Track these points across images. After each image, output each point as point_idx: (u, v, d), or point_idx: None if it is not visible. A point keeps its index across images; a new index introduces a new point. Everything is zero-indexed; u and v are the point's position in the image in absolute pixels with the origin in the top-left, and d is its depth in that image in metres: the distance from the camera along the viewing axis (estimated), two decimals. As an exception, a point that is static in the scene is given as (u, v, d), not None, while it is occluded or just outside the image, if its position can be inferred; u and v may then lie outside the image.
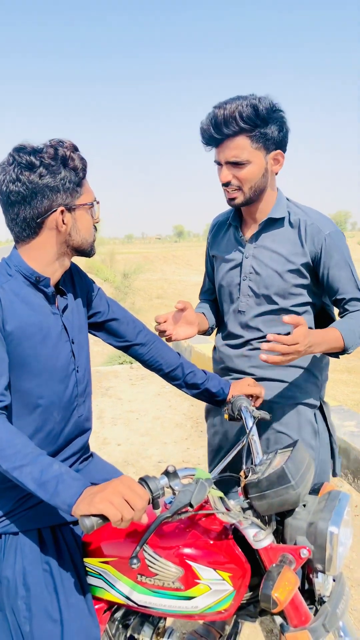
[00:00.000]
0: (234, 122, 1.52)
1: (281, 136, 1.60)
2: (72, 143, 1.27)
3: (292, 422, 1.74)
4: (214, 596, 1.17)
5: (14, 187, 1.20)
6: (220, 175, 1.63)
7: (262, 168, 1.61)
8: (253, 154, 1.57)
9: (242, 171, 1.59)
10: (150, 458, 4.08)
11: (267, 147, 1.59)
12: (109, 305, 1.55)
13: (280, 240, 1.69)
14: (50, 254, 1.28)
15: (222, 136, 1.57)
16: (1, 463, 1.07)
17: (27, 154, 1.20)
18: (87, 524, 0.98)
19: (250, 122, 1.52)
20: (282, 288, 1.68)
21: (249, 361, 1.77)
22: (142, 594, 1.22)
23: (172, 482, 1.08)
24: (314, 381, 1.76)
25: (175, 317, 1.68)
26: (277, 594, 1.04)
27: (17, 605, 1.22)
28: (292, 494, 1.11)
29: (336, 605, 1.17)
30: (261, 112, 1.52)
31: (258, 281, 1.71)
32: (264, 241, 1.72)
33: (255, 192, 1.64)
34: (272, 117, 1.55)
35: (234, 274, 1.79)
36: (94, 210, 1.34)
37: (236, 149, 1.57)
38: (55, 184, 1.21)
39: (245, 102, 1.52)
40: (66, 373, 1.34)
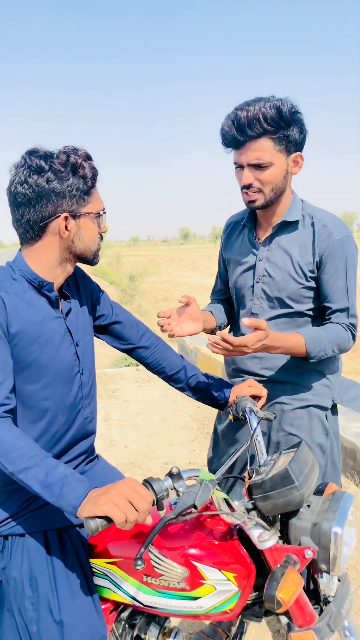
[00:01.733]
0: (257, 124, 1.51)
1: (301, 138, 1.60)
2: (86, 152, 1.28)
3: (304, 424, 1.74)
4: (219, 596, 1.18)
5: (22, 188, 1.22)
6: (242, 178, 1.61)
7: (284, 170, 1.60)
8: (275, 156, 1.57)
9: (264, 173, 1.58)
10: (157, 460, 4.08)
11: (289, 149, 1.59)
12: (112, 308, 1.56)
13: (294, 243, 1.68)
14: (53, 258, 1.29)
15: (245, 138, 1.55)
16: (7, 465, 1.09)
17: (38, 157, 1.22)
18: (92, 526, 0.99)
19: (274, 123, 1.51)
20: (295, 291, 1.68)
21: (261, 363, 1.77)
22: (148, 594, 1.23)
23: (176, 483, 1.09)
24: (326, 383, 1.76)
25: (180, 313, 1.66)
26: (282, 594, 1.04)
27: (24, 605, 1.23)
28: (296, 494, 1.12)
29: (341, 605, 1.17)
30: (284, 114, 1.51)
31: (271, 284, 1.71)
32: (278, 244, 1.71)
33: (275, 194, 1.63)
34: (294, 118, 1.55)
35: (247, 277, 1.79)
36: (100, 220, 1.34)
37: (259, 151, 1.55)
38: (61, 189, 1.23)
39: (269, 104, 1.51)
40: (71, 375, 1.35)
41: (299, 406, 1.74)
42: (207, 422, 4.88)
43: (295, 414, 1.74)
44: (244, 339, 1.43)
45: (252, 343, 1.44)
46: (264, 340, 1.47)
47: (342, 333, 1.64)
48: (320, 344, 1.59)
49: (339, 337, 1.63)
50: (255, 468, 1.24)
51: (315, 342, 1.59)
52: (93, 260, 1.37)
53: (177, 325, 1.64)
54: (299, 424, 1.73)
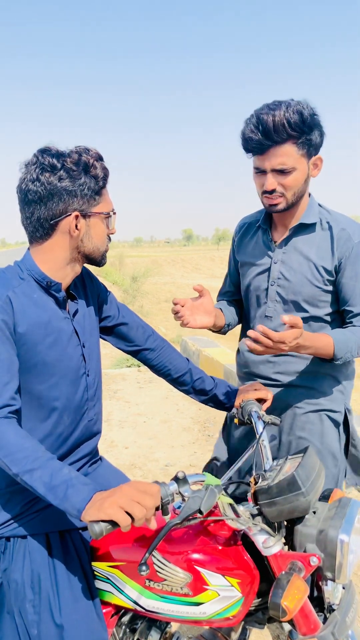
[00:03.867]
0: (283, 129, 1.50)
1: (321, 141, 1.59)
2: (98, 152, 1.28)
3: (316, 429, 1.72)
4: (222, 602, 1.17)
5: (33, 186, 1.21)
6: (266, 183, 1.58)
7: (305, 174, 1.60)
8: (298, 160, 1.56)
9: (287, 178, 1.57)
10: (158, 461, 4.07)
11: (310, 152, 1.58)
12: (119, 309, 1.55)
13: (311, 246, 1.67)
14: (61, 258, 1.29)
15: (271, 143, 1.53)
16: (11, 467, 1.08)
17: (50, 156, 1.22)
18: (97, 530, 0.97)
19: (298, 129, 1.50)
20: (311, 295, 1.66)
21: (274, 367, 1.75)
22: (150, 599, 1.22)
23: (182, 488, 1.08)
24: (339, 388, 1.74)
25: (194, 304, 1.63)
26: (287, 602, 1.03)
27: (25, 608, 1.22)
28: (302, 501, 1.11)
29: (345, 613, 1.16)
30: (307, 119, 1.50)
31: (287, 287, 1.69)
32: (294, 246, 1.69)
33: (297, 198, 1.62)
34: (315, 122, 1.54)
35: (261, 279, 1.76)
36: (110, 221, 1.34)
37: (283, 156, 1.54)
38: (73, 188, 1.22)
39: (292, 109, 1.50)
40: (77, 377, 1.34)
41: (311, 410, 1.72)
42: (208, 424, 4.87)
43: (307, 418, 1.72)
44: (284, 334, 1.41)
45: (289, 340, 1.42)
46: (299, 339, 1.45)
47: None
48: (348, 345, 1.58)
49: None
50: (261, 473, 1.23)
51: (343, 344, 1.57)
52: (101, 262, 1.37)
53: (191, 315, 1.62)
54: (311, 428, 1.72)
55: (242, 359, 1.88)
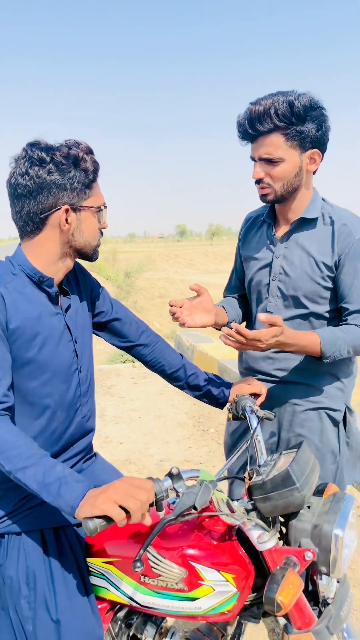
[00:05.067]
0: (268, 119, 1.49)
1: (319, 135, 1.55)
2: (88, 145, 1.27)
3: (315, 427, 1.71)
4: (217, 597, 1.17)
5: (22, 180, 1.20)
6: (253, 172, 1.59)
7: (296, 167, 1.57)
8: (287, 152, 1.53)
9: (274, 169, 1.56)
10: (152, 457, 4.07)
11: (303, 145, 1.55)
12: (112, 305, 1.54)
13: (312, 241, 1.65)
14: (52, 252, 1.28)
15: (257, 132, 1.53)
16: (4, 464, 1.07)
17: (39, 149, 1.21)
18: (91, 527, 0.97)
19: (285, 119, 1.48)
20: (311, 290, 1.64)
21: (274, 363, 1.74)
22: (145, 594, 1.22)
23: (176, 484, 1.08)
24: (339, 387, 1.72)
25: (192, 303, 1.61)
26: (282, 597, 1.04)
27: (20, 604, 1.22)
28: (296, 496, 1.11)
29: (340, 607, 1.16)
30: (296, 110, 1.47)
31: (287, 282, 1.68)
32: (296, 241, 1.67)
33: (287, 190, 1.60)
34: (310, 114, 1.50)
35: (263, 274, 1.75)
36: (101, 215, 1.33)
37: (270, 146, 1.53)
38: (63, 182, 1.21)
39: (282, 99, 1.48)
40: (69, 373, 1.33)
41: (311, 407, 1.70)
42: (202, 419, 4.87)
43: (306, 415, 1.71)
44: (258, 333, 1.41)
45: (266, 338, 1.42)
46: (279, 337, 1.44)
47: (358, 334, 1.59)
48: (336, 344, 1.56)
49: (355, 338, 1.58)
50: (256, 468, 1.23)
51: (331, 342, 1.55)
52: (93, 256, 1.36)
53: (189, 315, 1.59)
54: (310, 425, 1.70)
55: (242, 355, 1.87)
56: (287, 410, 1.72)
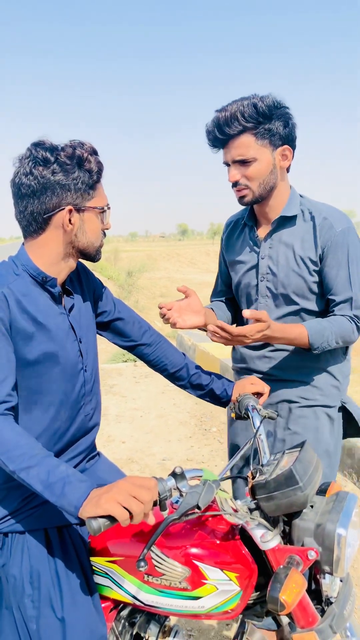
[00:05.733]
0: (236, 121, 1.53)
1: (287, 132, 1.59)
2: (92, 146, 1.27)
3: (310, 424, 1.72)
4: (220, 596, 1.17)
5: (26, 180, 1.21)
6: (229, 175, 1.63)
7: (270, 164, 1.60)
8: (259, 151, 1.57)
9: (249, 169, 1.59)
10: (154, 456, 4.08)
11: (274, 143, 1.58)
12: (115, 304, 1.55)
13: (295, 238, 1.67)
14: (55, 253, 1.28)
15: (226, 136, 1.57)
16: (8, 464, 1.07)
17: (44, 149, 1.21)
18: (95, 526, 0.97)
19: (252, 119, 1.53)
20: (300, 286, 1.67)
21: (269, 362, 1.76)
22: (149, 593, 1.22)
23: (180, 483, 1.08)
24: (335, 384, 1.74)
25: (181, 305, 1.64)
26: (285, 596, 1.04)
27: (23, 603, 1.22)
28: (300, 495, 1.11)
29: (343, 606, 1.16)
30: (261, 109, 1.52)
31: (275, 281, 1.70)
32: (279, 240, 1.70)
33: (264, 189, 1.63)
34: (276, 113, 1.55)
35: (251, 276, 1.77)
36: (104, 216, 1.33)
37: (241, 147, 1.57)
38: (66, 182, 1.21)
39: (246, 102, 1.53)
40: (74, 372, 1.34)
41: (306, 405, 1.72)
42: (204, 418, 4.87)
43: (302, 412, 1.72)
44: (243, 329, 1.44)
45: (251, 333, 1.45)
46: (265, 331, 1.47)
47: (346, 324, 1.61)
48: (324, 334, 1.58)
49: (342, 328, 1.61)
50: (259, 468, 1.23)
51: (318, 333, 1.58)
52: (95, 257, 1.36)
53: (179, 317, 1.62)
54: (305, 423, 1.72)
55: (237, 354, 1.89)
56: (283, 408, 1.74)
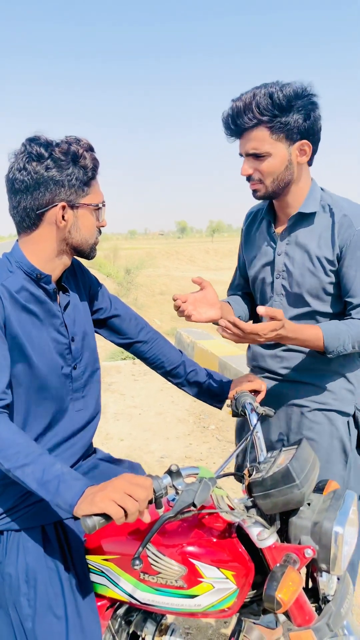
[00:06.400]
0: (250, 113, 1.45)
1: (307, 125, 1.48)
2: (89, 142, 1.26)
3: (324, 430, 1.64)
4: (217, 594, 1.16)
5: (20, 175, 1.20)
6: (241, 168, 1.55)
7: (285, 160, 1.51)
8: (274, 145, 1.48)
9: (262, 164, 1.51)
10: (153, 453, 4.08)
11: (290, 137, 1.49)
12: (111, 302, 1.54)
13: (312, 236, 1.59)
14: (49, 249, 1.27)
15: (240, 128, 1.50)
16: (3, 462, 1.06)
17: (38, 145, 1.20)
18: (89, 524, 0.97)
19: (267, 112, 1.43)
20: (314, 287, 1.59)
21: (282, 362, 1.69)
22: (145, 591, 1.22)
23: (175, 481, 1.07)
24: (349, 388, 1.66)
25: (196, 298, 1.54)
26: (281, 594, 1.03)
27: (19, 602, 1.22)
28: (296, 493, 1.10)
29: (340, 604, 1.16)
30: (277, 101, 1.42)
31: (290, 280, 1.63)
32: (296, 237, 1.62)
33: (278, 185, 1.55)
34: (296, 105, 1.44)
35: (266, 272, 1.71)
36: (99, 213, 1.32)
37: (255, 141, 1.49)
38: (60, 178, 1.20)
39: (263, 91, 1.43)
40: (64, 369, 1.32)
41: (318, 408, 1.64)
42: (203, 416, 4.87)
43: (314, 416, 1.65)
44: (257, 326, 1.37)
45: (265, 332, 1.38)
46: (279, 330, 1.40)
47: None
48: (339, 338, 1.50)
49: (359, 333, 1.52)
50: (255, 465, 1.22)
51: (334, 336, 1.50)
52: (90, 254, 1.35)
53: (194, 309, 1.52)
54: (319, 429, 1.64)
55: (251, 352, 1.83)
56: (294, 412, 1.67)
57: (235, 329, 1.38)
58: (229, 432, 4.46)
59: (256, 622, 1.30)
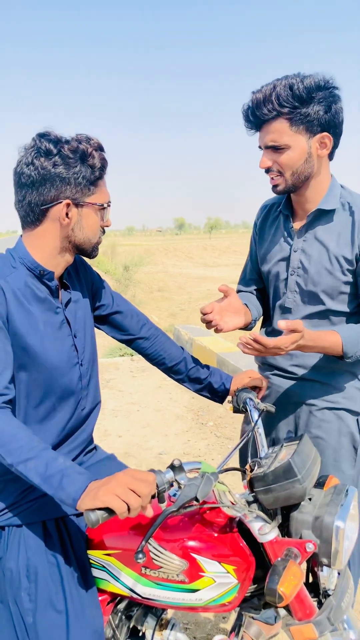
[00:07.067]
0: (270, 104, 1.43)
1: (329, 117, 1.45)
2: (99, 142, 1.26)
3: (332, 428, 1.62)
4: (218, 589, 1.17)
5: (27, 169, 1.20)
6: (260, 161, 1.53)
7: (305, 153, 1.48)
8: (293, 137, 1.46)
9: (281, 156, 1.49)
10: (151, 450, 4.08)
11: (311, 129, 1.46)
12: (113, 298, 1.54)
13: (331, 234, 1.56)
14: (52, 246, 1.27)
15: (260, 120, 1.47)
16: (6, 457, 1.06)
17: (48, 141, 1.20)
18: (92, 518, 0.97)
19: (287, 103, 1.41)
20: (330, 286, 1.56)
21: (291, 360, 1.67)
22: (146, 586, 1.22)
23: (178, 476, 1.08)
24: (358, 386, 1.64)
25: (222, 307, 1.53)
26: (283, 588, 1.04)
27: (20, 596, 1.22)
28: (298, 488, 1.11)
29: (341, 598, 1.16)
30: (297, 92, 1.40)
31: (306, 277, 1.60)
32: (314, 234, 1.59)
33: (298, 178, 1.52)
34: (316, 96, 1.42)
35: (281, 268, 1.67)
36: (104, 213, 1.31)
37: (274, 133, 1.46)
38: (67, 175, 1.20)
39: (284, 82, 1.42)
40: (69, 366, 1.33)
41: (327, 407, 1.62)
42: (201, 412, 4.88)
43: (323, 415, 1.62)
44: (279, 340, 1.35)
45: (286, 345, 1.36)
46: (299, 341, 1.39)
47: None
48: (359, 343, 1.48)
49: None
50: (257, 460, 1.23)
51: (353, 342, 1.47)
52: (92, 253, 1.35)
53: (221, 319, 1.52)
54: (327, 427, 1.62)
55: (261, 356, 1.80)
56: (303, 410, 1.65)
57: (257, 345, 1.36)
58: (227, 428, 4.47)
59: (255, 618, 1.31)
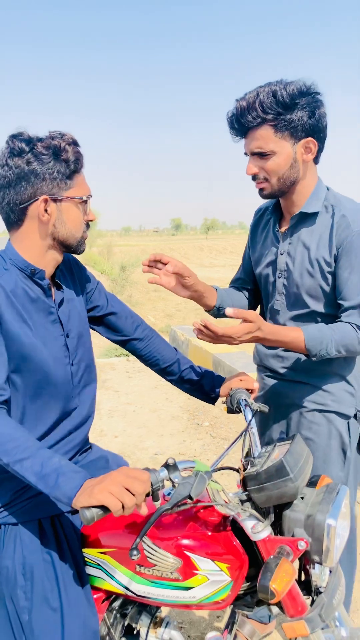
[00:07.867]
0: (254, 112, 1.44)
1: (312, 122, 1.47)
2: (72, 137, 1.26)
3: (322, 430, 1.64)
4: (211, 587, 1.18)
5: (2, 171, 1.21)
6: (246, 168, 1.55)
7: (290, 158, 1.50)
8: (278, 143, 1.48)
9: (267, 162, 1.51)
10: (147, 450, 4.09)
11: (295, 135, 1.48)
12: (107, 299, 1.54)
13: (313, 236, 1.58)
14: (38, 244, 1.27)
15: (245, 127, 1.49)
16: (2, 457, 1.07)
17: (20, 140, 1.21)
18: (88, 516, 0.98)
19: (271, 110, 1.43)
20: (312, 287, 1.58)
21: (282, 362, 1.70)
22: (141, 584, 1.24)
23: (172, 474, 1.09)
24: (349, 390, 1.65)
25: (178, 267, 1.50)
26: (275, 585, 1.05)
27: (16, 594, 1.23)
28: (290, 486, 1.12)
29: (332, 596, 1.18)
30: (280, 99, 1.42)
31: (290, 280, 1.62)
32: (298, 237, 1.61)
33: (284, 183, 1.54)
34: (300, 102, 1.44)
35: (269, 270, 1.70)
36: (85, 206, 1.32)
37: (259, 140, 1.48)
38: (41, 171, 1.21)
39: (267, 89, 1.43)
40: (60, 365, 1.33)
41: (317, 409, 1.64)
42: (197, 413, 4.89)
43: (313, 417, 1.65)
44: (229, 330, 1.38)
45: (238, 335, 1.38)
46: (255, 333, 1.41)
47: (349, 333, 1.50)
48: (322, 342, 1.48)
49: (345, 337, 1.49)
50: (250, 460, 1.24)
51: (316, 340, 1.48)
52: (78, 248, 1.35)
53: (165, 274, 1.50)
54: (317, 429, 1.64)
55: (256, 351, 1.84)
56: (294, 411, 1.67)
57: (207, 331, 1.38)
58: (222, 429, 4.48)
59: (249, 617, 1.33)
